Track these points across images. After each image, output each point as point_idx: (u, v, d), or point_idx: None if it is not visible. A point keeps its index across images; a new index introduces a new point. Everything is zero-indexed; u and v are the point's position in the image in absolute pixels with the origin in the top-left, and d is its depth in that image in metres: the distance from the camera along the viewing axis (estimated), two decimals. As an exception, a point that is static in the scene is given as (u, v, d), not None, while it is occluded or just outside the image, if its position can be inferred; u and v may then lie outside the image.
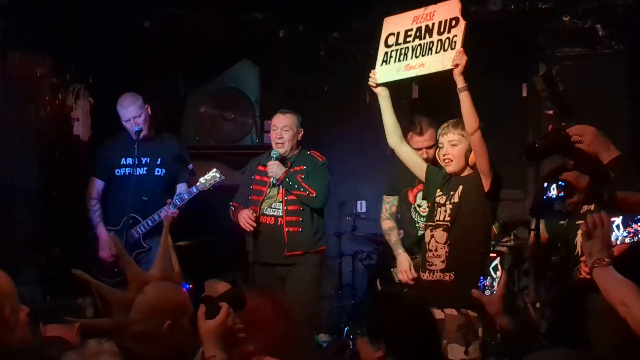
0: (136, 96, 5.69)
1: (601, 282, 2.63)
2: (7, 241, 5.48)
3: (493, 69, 6.71)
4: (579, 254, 4.09)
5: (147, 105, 5.68)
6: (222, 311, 2.69)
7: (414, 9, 4.55)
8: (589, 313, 4.02)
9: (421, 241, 4.97)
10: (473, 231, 4.35)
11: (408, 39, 4.53)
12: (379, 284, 5.48)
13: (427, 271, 4.43)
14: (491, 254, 3.24)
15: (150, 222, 5.58)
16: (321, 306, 6.58)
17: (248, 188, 5.50)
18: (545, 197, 3.44)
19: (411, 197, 5.15)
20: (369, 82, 4.62)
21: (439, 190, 4.51)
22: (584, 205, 4.12)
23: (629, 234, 2.68)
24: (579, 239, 4.12)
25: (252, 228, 5.32)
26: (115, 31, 6.47)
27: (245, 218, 5.32)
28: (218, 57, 7.39)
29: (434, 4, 4.42)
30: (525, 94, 6.90)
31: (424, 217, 5.03)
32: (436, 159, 4.70)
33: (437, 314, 4.34)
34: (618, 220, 2.68)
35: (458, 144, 4.39)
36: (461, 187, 4.39)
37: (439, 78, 4.35)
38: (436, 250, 4.39)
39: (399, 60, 4.55)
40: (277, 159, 5.37)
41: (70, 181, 6.21)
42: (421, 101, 6.80)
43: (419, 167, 4.67)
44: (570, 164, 4.16)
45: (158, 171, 5.71)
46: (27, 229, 5.81)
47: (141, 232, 5.60)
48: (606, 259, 2.62)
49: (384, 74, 4.60)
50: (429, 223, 4.51)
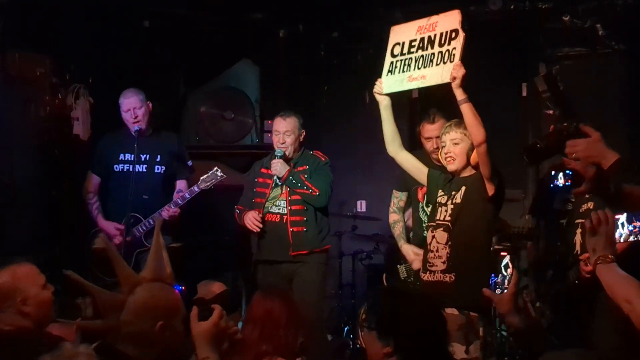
0: (139, 90, 5.69)
1: (605, 279, 2.63)
2: (7, 241, 5.47)
3: (493, 68, 6.71)
4: (578, 252, 4.10)
5: (148, 102, 5.68)
6: (215, 313, 2.70)
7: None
8: (589, 312, 4.03)
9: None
10: (474, 232, 4.35)
11: (412, 49, 4.54)
12: (385, 279, 5.50)
13: (427, 272, 4.43)
14: (502, 252, 3.21)
15: (151, 221, 5.54)
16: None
17: (252, 191, 5.46)
18: (552, 186, 3.43)
19: (420, 195, 5.16)
20: (375, 89, 4.63)
21: (440, 190, 4.51)
22: (583, 204, 4.13)
23: (634, 228, 2.67)
24: (578, 238, 4.13)
25: (259, 229, 5.29)
26: (115, 31, 6.48)
27: (251, 219, 5.29)
28: (218, 56, 7.38)
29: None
30: (525, 93, 6.90)
31: None
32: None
33: (439, 313, 4.38)
34: (622, 218, 2.68)
35: (460, 143, 4.39)
36: (464, 187, 4.39)
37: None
38: (437, 250, 4.38)
39: (403, 71, 4.57)
40: (281, 157, 5.34)
41: (70, 181, 6.20)
42: (421, 101, 6.79)
43: (420, 172, 4.67)
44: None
45: (158, 168, 5.68)
46: (27, 228, 5.79)
47: (143, 231, 5.57)
48: (610, 256, 2.62)
49: (389, 84, 4.62)
50: (430, 223, 4.51)
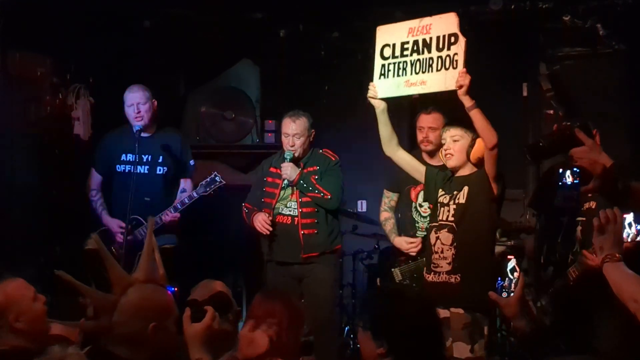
0: (146, 87, 5.65)
1: (612, 277, 2.63)
2: (7, 240, 5.47)
3: (493, 68, 6.70)
4: (578, 250, 4.09)
5: (154, 100, 5.62)
6: (208, 314, 2.70)
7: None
8: (589, 311, 4.03)
9: (422, 244, 4.97)
10: (479, 233, 4.36)
11: (405, 52, 4.46)
12: (378, 282, 5.48)
13: (432, 272, 4.43)
14: (508, 256, 3.19)
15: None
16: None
17: (261, 190, 5.42)
18: (561, 184, 3.41)
19: (413, 195, 5.15)
20: (369, 94, 4.58)
21: (440, 190, 4.51)
22: (585, 203, 4.13)
23: None
24: (578, 236, 4.13)
25: (269, 232, 5.24)
26: (116, 31, 6.47)
27: (262, 222, 5.24)
28: (218, 56, 7.38)
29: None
30: (525, 93, 6.90)
31: (425, 217, 5.04)
32: (433, 143, 4.92)
33: (443, 312, 4.35)
34: (629, 217, 2.68)
35: (460, 140, 4.40)
36: (467, 188, 4.39)
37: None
38: (442, 252, 4.38)
39: (398, 75, 4.49)
40: (291, 160, 5.29)
41: (71, 181, 6.20)
42: (421, 101, 6.77)
43: (417, 171, 4.67)
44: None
45: (160, 170, 5.63)
46: (27, 228, 5.79)
47: (144, 233, 5.54)
48: (617, 255, 2.63)
49: (384, 89, 4.55)
50: (432, 224, 4.50)
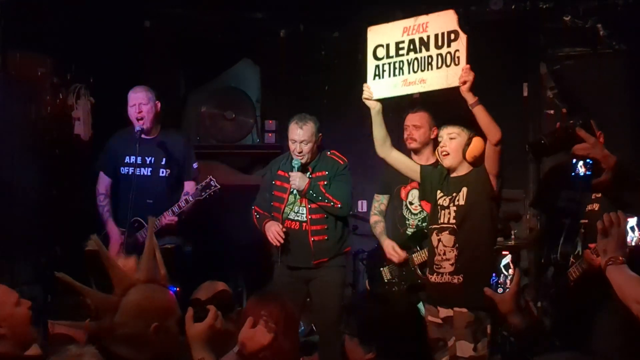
0: (150, 89, 5.64)
1: (615, 280, 2.64)
2: (8, 240, 5.47)
3: (494, 68, 6.70)
4: (580, 253, 4.09)
5: (157, 102, 5.61)
6: (210, 314, 2.71)
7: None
8: (589, 311, 4.03)
9: (411, 240, 5.02)
10: (480, 233, 4.36)
11: (401, 51, 4.38)
12: (367, 284, 5.49)
13: (435, 273, 4.43)
14: (503, 252, 3.19)
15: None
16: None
17: (270, 193, 5.37)
18: (574, 174, 3.41)
19: (403, 194, 5.16)
20: (364, 96, 4.52)
21: (439, 191, 4.50)
22: (588, 205, 4.13)
23: None
24: (580, 238, 4.13)
25: (279, 244, 5.16)
26: (116, 31, 6.47)
27: (274, 233, 5.16)
28: (219, 56, 7.38)
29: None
30: (526, 93, 6.89)
31: (415, 214, 5.09)
32: (417, 141, 5.03)
33: (446, 311, 4.38)
34: (632, 222, 2.69)
35: (456, 137, 4.39)
36: (465, 189, 4.38)
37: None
38: (444, 254, 4.38)
39: (395, 75, 4.41)
40: (299, 169, 5.21)
41: (71, 181, 6.20)
42: (422, 101, 6.78)
43: (412, 170, 4.67)
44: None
45: (162, 172, 5.62)
46: (28, 228, 5.79)
47: (145, 236, 5.52)
48: (621, 257, 2.64)
49: (379, 89, 4.48)
50: (433, 226, 4.49)
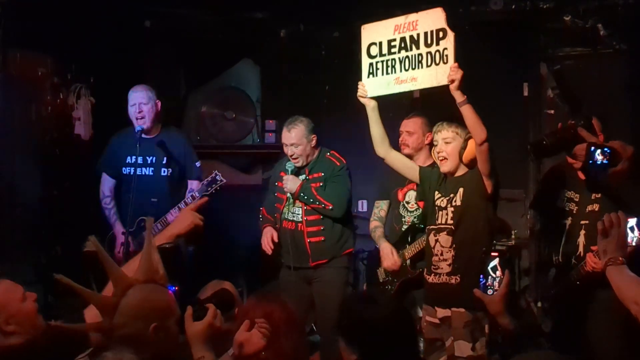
0: (151, 88, 5.63)
1: (614, 280, 2.64)
2: (8, 241, 5.48)
3: (494, 68, 6.71)
4: (581, 254, 4.09)
5: (158, 101, 5.61)
6: (209, 312, 2.70)
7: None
8: (590, 312, 4.03)
9: (404, 236, 5.04)
10: (477, 233, 4.35)
11: (393, 49, 4.44)
12: (365, 286, 5.50)
13: (432, 274, 4.44)
14: (492, 254, 3.20)
15: (160, 225, 5.46)
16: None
17: (273, 194, 5.42)
18: (591, 162, 3.41)
19: (400, 196, 5.19)
20: (359, 94, 4.57)
21: (437, 192, 4.50)
22: (588, 205, 4.12)
23: None
24: (581, 239, 4.13)
25: (269, 252, 5.23)
26: (117, 31, 6.47)
27: (266, 241, 5.25)
28: (219, 56, 7.38)
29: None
30: (526, 93, 6.90)
31: (410, 212, 5.12)
32: (410, 147, 5.04)
33: (444, 311, 4.38)
34: (632, 222, 2.68)
35: (452, 142, 4.39)
36: (462, 189, 4.39)
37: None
38: (442, 254, 4.38)
39: (387, 73, 4.47)
40: (293, 172, 5.24)
41: (71, 181, 6.21)
42: (423, 101, 6.78)
43: (411, 170, 4.67)
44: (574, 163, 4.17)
45: (164, 171, 5.62)
46: (28, 228, 5.80)
47: (152, 234, 5.51)
48: (620, 258, 2.63)
49: (373, 87, 4.53)
50: (431, 227, 4.50)
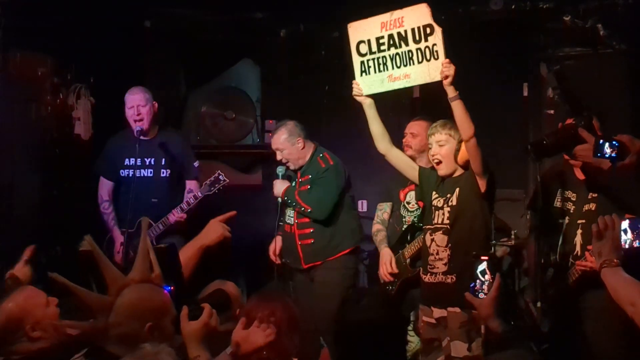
0: (147, 89, 5.65)
1: (610, 282, 2.64)
2: (8, 241, 5.47)
3: (494, 68, 6.71)
4: (578, 253, 4.10)
5: (155, 102, 5.62)
6: (205, 312, 2.71)
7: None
8: (588, 312, 4.03)
9: (404, 236, 5.05)
10: (472, 233, 4.37)
11: (382, 47, 4.46)
12: (367, 285, 5.52)
13: (428, 273, 4.45)
14: (482, 257, 3.18)
15: (161, 225, 5.49)
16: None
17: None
18: (600, 155, 3.41)
19: (402, 196, 5.21)
20: (354, 92, 4.59)
21: (434, 192, 4.51)
22: (585, 205, 4.13)
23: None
24: (578, 239, 4.13)
25: (277, 261, 5.38)
26: (117, 30, 6.47)
27: (270, 251, 5.40)
28: (219, 56, 7.38)
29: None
30: (525, 93, 6.89)
31: (411, 212, 5.14)
32: (412, 149, 5.02)
33: (440, 311, 4.40)
34: (625, 224, 2.68)
35: (445, 144, 4.40)
36: (458, 189, 4.40)
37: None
38: (437, 253, 4.40)
39: (380, 71, 4.49)
40: (284, 176, 5.34)
41: (71, 181, 6.21)
42: (423, 101, 6.78)
43: (411, 169, 4.68)
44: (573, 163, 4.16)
45: (164, 172, 5.63)
46: (28, 228, 5.79)
47: (153, 235, 5.50)
48: (615, 260, 2.64)
49: (368, 85, 4.55)
50: (427, 226, 4.51)
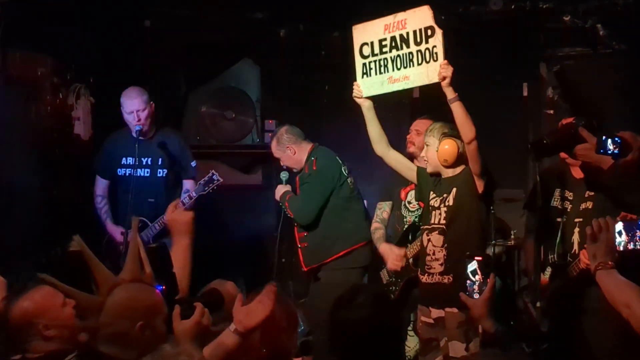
0: (143, 91, 5.63)
1: (605, 284, 2.64)
2: (8, 240, 5.47)
3: (493, 68, 6.71)
4: (576, 252, 4.10)
5: (151, 102, 5.62)
6: (197, 311, 2.70)
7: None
8: (587, 311, 4.03)
9: (405, 235, 5.03)
10: (468, 233, 4.37)
11: (384, 49, 4.49)
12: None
13: (426, 274, 4.46)
14: (476, 257, 3.16)
15: (157, 226, 5.50)
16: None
17: None
18: (602, 151, 3.41)
19: (403, 195, 5.20)
20: (354, 94, 4.62)
21: (432, 192, 4.52)
22: (582, 203, 4.13)
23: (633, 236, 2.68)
24: (576, 237, 4.13)
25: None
26: (116, 30, 6.47)
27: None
28: (219, 56, 7.38)
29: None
30: (525, 93, 6.90)
31: (412, 212, 5.12)
32: (415, 147, 4.96)
33: (438, 312, 4.40)
34: (619, 226, 2.68)
35: (431, 145, 4.45)
36: (455, 189, 4.41)
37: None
38: (434, 253, 4.41)
39: (380, 73, 4.52)
40: (286, 181, 5.48)
41: (71, 180, 6.21)
42: (422, 101, 6.78)
43: (409, 170, 4.68)
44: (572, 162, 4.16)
45: (160, 172, 5.65)
46: (28, 228, 5.79)
47: (150, 235, 5.52)
48: (610, 262, 2.64)
49: (368, 87, 4.58)
50: (425, 226, 4.52)
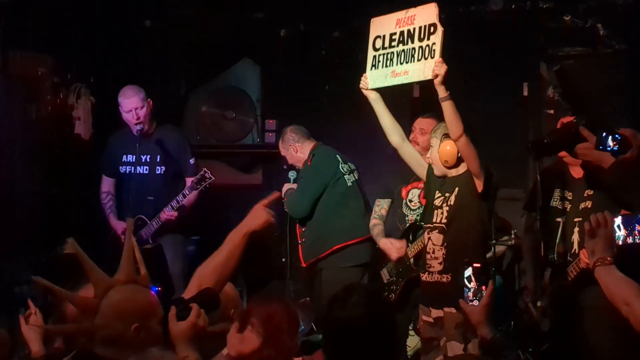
0: (140, 89, 5.62)
1: (604, 281, 2.62)
2: (8, 240, 5.48)
3: (494, 68, 6.71)
4: (576, 251, 4.10)
5: (149, 100, 5.61)
6: (193, 312, 2.69)
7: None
8: (586, 311, 4.04)
9: (406, 233, 5.02)
10: (468, 232, 4.36)
11: (393, 43, 4.51)
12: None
13: (426, 272, 4.46)
14: (474, 264, 3.15)
15: (155, 224, 5.53)
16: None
17: None
18: (602, 147, 3.42)
19: (404, 193, 5.20)
20: (361, 85, 4.63)
21: (437, 191, 4.52)
22: (581, 203, 4.13)
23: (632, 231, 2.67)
24: (575, 237, 4.14)
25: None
26: (117, 30, 6.48)
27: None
28: (219, 56, 7.38)
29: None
30: (526, 93, 6.90)
31: (413, 210, 5.12)
32: (420, 145, 4.90)
33: (436, 312, 4.40)
34: (618, 221, 2.68)
35: (434, 146, 4.44)
36: (457, 189, 4.40)
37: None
38: (434, 252, 4.41)
39: (386, 66, 4.54)
40: (294, 180, 5.58)
41: (71, 180, 6.21)
42: (422, 101, 6.78)
43: (420, 167, 4.68)
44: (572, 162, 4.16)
45: (159, 169, 5.66)
46: (28, 228, 5.80)
47: (148, 233, 5.54)
48: (609, 258, 2.62)
49: (374, 79, 4.60)
50: (427, 225, 4.52)
